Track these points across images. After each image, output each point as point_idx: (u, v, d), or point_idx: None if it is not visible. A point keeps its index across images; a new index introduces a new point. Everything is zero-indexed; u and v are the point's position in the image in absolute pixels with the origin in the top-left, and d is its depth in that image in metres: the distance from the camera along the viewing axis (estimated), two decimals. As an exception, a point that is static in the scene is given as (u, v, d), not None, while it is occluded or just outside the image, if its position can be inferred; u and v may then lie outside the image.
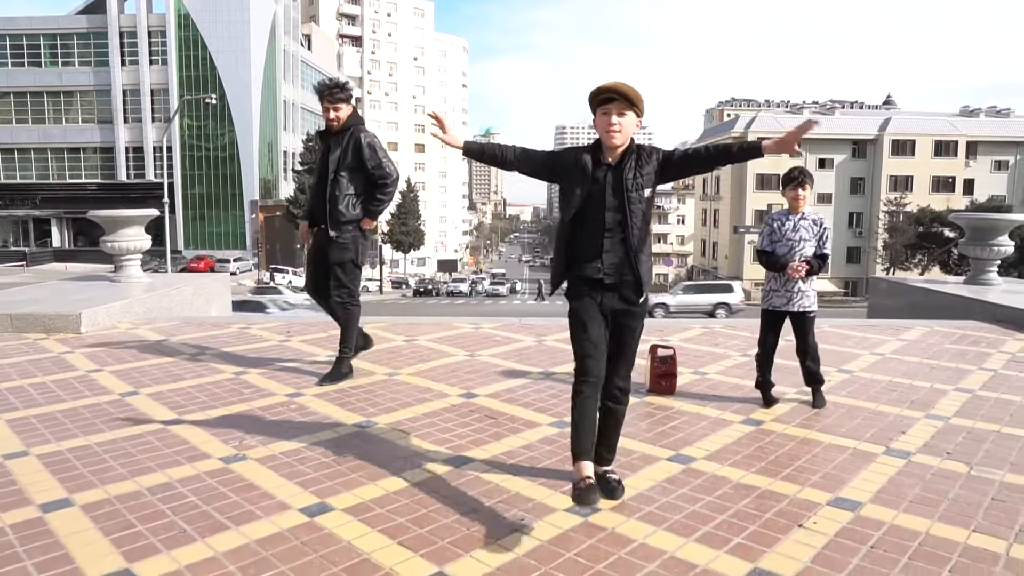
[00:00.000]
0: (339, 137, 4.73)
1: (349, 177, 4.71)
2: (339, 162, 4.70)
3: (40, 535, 2.69)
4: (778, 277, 4.41)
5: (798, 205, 4.36)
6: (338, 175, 4.70)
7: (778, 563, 2.53)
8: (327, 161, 4.75)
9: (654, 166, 2.92)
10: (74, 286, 8.27)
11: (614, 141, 2.86)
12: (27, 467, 3.34)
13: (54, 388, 4.65)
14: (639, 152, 2.90)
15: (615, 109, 2.82)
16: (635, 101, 2.83)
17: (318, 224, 4.86)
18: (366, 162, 4.69)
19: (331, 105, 4.68)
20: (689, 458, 3.52)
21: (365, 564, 2.49)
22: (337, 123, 4.71)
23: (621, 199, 2.87)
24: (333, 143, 4.74)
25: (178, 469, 3.32)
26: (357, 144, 4.68)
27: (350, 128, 4.73)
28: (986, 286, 8.70)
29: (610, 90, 2.82)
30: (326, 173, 4.75)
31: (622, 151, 2.90)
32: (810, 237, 4.34)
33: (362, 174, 4.73)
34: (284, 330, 6.60)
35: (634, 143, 2.92)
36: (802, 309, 4.40)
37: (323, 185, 4.76)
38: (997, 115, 65.43)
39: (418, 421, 4.05)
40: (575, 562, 2.52)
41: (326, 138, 4.83)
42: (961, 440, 3.82)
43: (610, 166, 2.90)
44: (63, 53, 52.09)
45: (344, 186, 4.71)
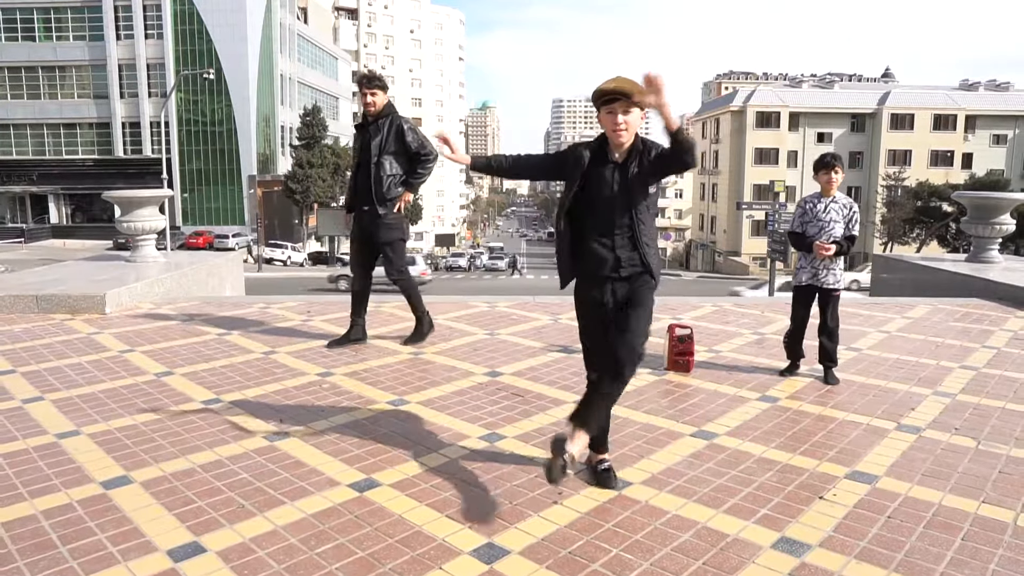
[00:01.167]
0: (378, 124, 5.12)
1: (391, 160, 5.11)
2: (381, 146, 5.09)
3: (108, 510, 2.85)
4: (807, 255, 4.63)
5: (830, 188, 4.60)
6: (381, 158, 5.09)
7: (803, 532, 2.71)
8: (368, 147, 5.12)
9: (654, 161, 2.94)
10: (92, 266, 8.39)
11: (621, 140, 2.91)
12: (82, 446, 3.50)
13: (91, 368, 4.80)
14: (643, 148, 2.94)
15: (620, 108, 2.85)
16: (638, 99, 2.81)
17: (361, 207, 5.21)
18: (409, 144, 5.10)
19: (368, 91, 5.06)
20: (711, 434, 3.70)
21: (418, 536, 2.66)
22: (374, 108, 5.09)
23: (629, 196, 2.93)
24: (372, 131, 5.12)
25: (225, 447, 3.49)
26: (399, 130, 5.10)
27: (388, 115, 5.13)
28: (987, 264, 8.87)
29: (614, 91, 2.84)
30: (368, 159, 5.12)
31: (628, 148, 2.95)
32: (840, 219, 4.57)
33: (403, 157, 5.14)
34: (305, 310, 6.75)
35: (638, 139, 2.96)
36: (827, 286, 4.62)
37: (366, 170, 5.14)
38: (996, 89, 65.18)
39: (448, 399, 4.21)
40: (614, 532, 2.70)
41: (364, 128, 5.20)
42: (968, 416, 4.00)
43: (616, 163, 2.95)
44: (57, 27, 51.53)
45: (387, 168, 5.11)
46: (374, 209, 5.12)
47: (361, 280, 5.43)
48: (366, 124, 5.19)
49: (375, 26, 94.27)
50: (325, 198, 53.65)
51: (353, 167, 5.29)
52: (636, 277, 3.01)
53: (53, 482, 3.10)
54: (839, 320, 4.71)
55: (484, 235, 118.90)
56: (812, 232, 4.60)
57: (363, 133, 5.20)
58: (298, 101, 59.41)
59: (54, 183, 52.21)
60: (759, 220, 52.37)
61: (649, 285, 3.02)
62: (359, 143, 5.22)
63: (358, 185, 5.22)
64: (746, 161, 58.67)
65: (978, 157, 59.11)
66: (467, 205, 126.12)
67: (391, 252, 5.25)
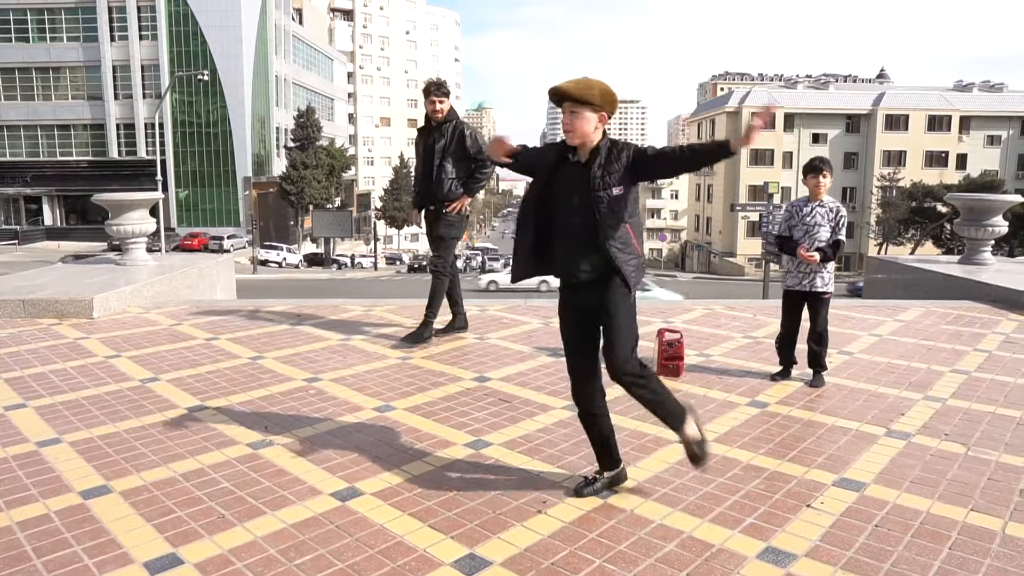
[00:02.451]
0: (442, 128, 5.44)
1: (452, 163, 5.43)
2: (444, 150, 5.42)
3: (85, 521, 2.81)
4: (794, 259, 4.62)
5: (818, 192, 4.60)
6: (443, 161, 5.42)
7: (789, 542, 2.68)
8: (431, 150, 5.45)
9: (624, 163, 2.84)
10: (81, 270, 8.34)
11: (570, 140, 2.87)
12: (62, 454, 3.46)
13: (76, 375, 4.76)
14: (610, 149, 2.85)
15: (566, 109, 2.82)
16: (586, 99, 2.78)
17: (425, 206, 5.61)
18: (469, 148, 5.42)
19: (436, 98, 5.38)
20: (699, 441, 3.66)
21: (399, 546, 2.63)
22: (440, 115, 5.41)
23: (588, 198, 2.83)
24: (436, 134, 5.44)
25: (208, 455, 3.45)
26: (461, 134, 5.43)
27: (452, 120, 5.46)
28: (980, 266, 8.86)
29: (554, 92, 2.83)
30: (430, 160, 5.46)
31: (591, 149, 2.86)
32: (825, 223, 4.55)
33: (463, 161, 5.46)
34: (294, 314, 6.70)
35: (604, 140, 2.87)
36: (815, 289, 4.61)
37: (429, 171, 5.48)
38: (991, 89, 65.36)
39: (435, 405, 4.18)
40: (597, 542, 2.67)
41: (426, 131, 5.53)
42: (958, 421, 3.98)
43: (579, 164, 2.88)
44: (51, 28, 51.39)
45: (448, 170, 5.44)
46: (437, 207, 5.50)
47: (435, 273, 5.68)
48: (430, 128, 5.49)
49: (370, 27, 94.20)
50: (320, 199, 53.59)
51: (418, 168, 5.61)
52: (604, 282, 2.88)
53: (31, 492, 3.06)
54: (827, 324, 4.68)
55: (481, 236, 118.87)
56: (798, 236, 4.60)
57: (426, 136, 5.51)
58: (293, 102, 59.35)
59: (48, 185, 52.09)
60: (754, 221, 52.42)
61: (620, 292, 2.88)
62: (422, 145, 5.53)
63: (421, 185, 5.58)
64: (741, 162, 58.70)
65: (972, 158, 59.28)
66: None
67: (442, 246, 5.60)
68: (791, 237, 4.63)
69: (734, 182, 59.24)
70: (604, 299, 2.89)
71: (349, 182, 68.52)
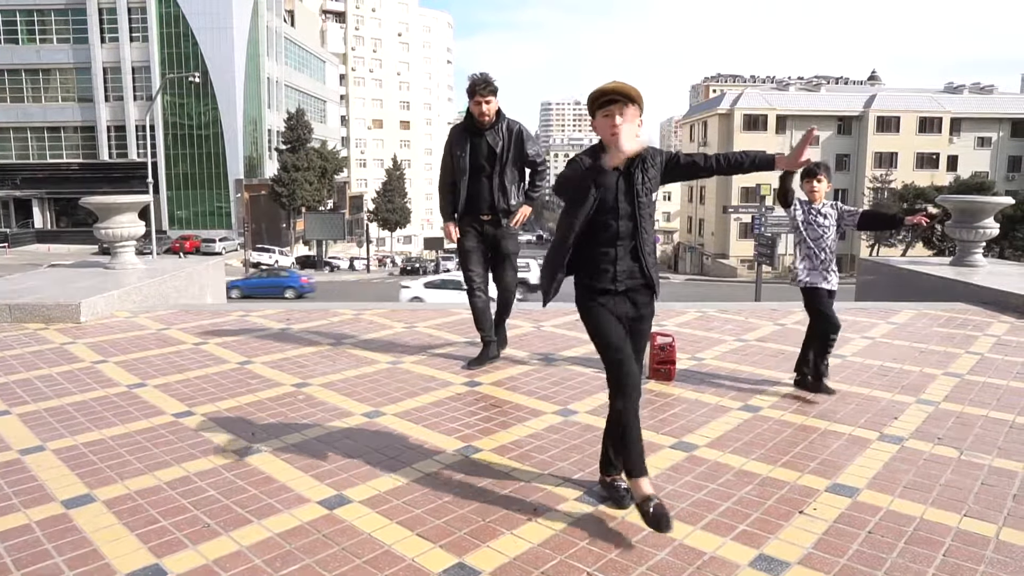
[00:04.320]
0: (496, 130, 4.83)
1: (511, 167, 4.90)
2: (504, 153, 4.84)
3: (67, 531, 2.76)
4: (811, 257, 4.54)
5: (815, 197, 4.55)
6: (505, 167, 4.86)
7: (781, 549, 2.65)
8: (481, 153, 4.84)
9: (659, 168, 2.89)
10: (69, 274, 8.26)
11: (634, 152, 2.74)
12: (46, 462, 3.41)
13: (61, 380, 4.70)
14: (644, 155, 2.84)
15: (618, 111, 2.72)
16: (637, 100, 2.76)
17: (480, 216, 4.93)
18: (527, 151, 4.90)
19: (483, 99, 4.71)
20: (691, 445, 3.64)
21: (387, 556, 2.59)
22: (488, 117, 4.77)
23: (633, 205, 2.84)
24: (490, 137, 4.82)
25: (194, 463, 3.40)
26: (519, 136, 4.87)
27: (504, 120, 4.86)
28: (971, 268, 8.87)
29: (613, 91, 2.72)
30: (480, 165, 4.85)
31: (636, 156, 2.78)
32: (830, 224, 4.53)
33: (519, 164, 4.94)
34: (284, 318, 6.65)
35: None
36: (833, 287, 4.56)
37: (477, 178, 4.88)
38: (981, 92, 65.67)
39: (425, 411, 4.13)
40: (588, 551, 2.63)
41: (470, 132, 4.86)
42: (951, 425, 3.96)
43: (619, 171, 2.82)
44: (40, 30, 51.14)
45: (510, 176, 4.90)
46: (497, 218, 4.92)
47: (486, 292, 5.09)
48: (477, 130, 4.84)
49: (363, 29, 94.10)
50: (312, 202, 53.47)
51: (461, 173, 4.88)
52: (638, 292, 2.93)
53: (12, 501, 3.01)
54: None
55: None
56: (812, 236, 4.53)
57: (474, 139, 4.84)
58: (285, 104, 59.20)
59: (38, 187, 51.79)
60: (747, 223, 52.52)
61: (652, 306, 3.02)
62: (467, 149, 4.85)
63: (472, 194, 4.90)
64: (734, 164, 58.70)
65: (963, 159, 59.61)
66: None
67: (516, 261, 5.13)
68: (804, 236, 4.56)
69: (726, 184, 59.29)
70: (640, 310, 2.97)
71: (341, 184, 68.42)
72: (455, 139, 4.93)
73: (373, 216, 66.82)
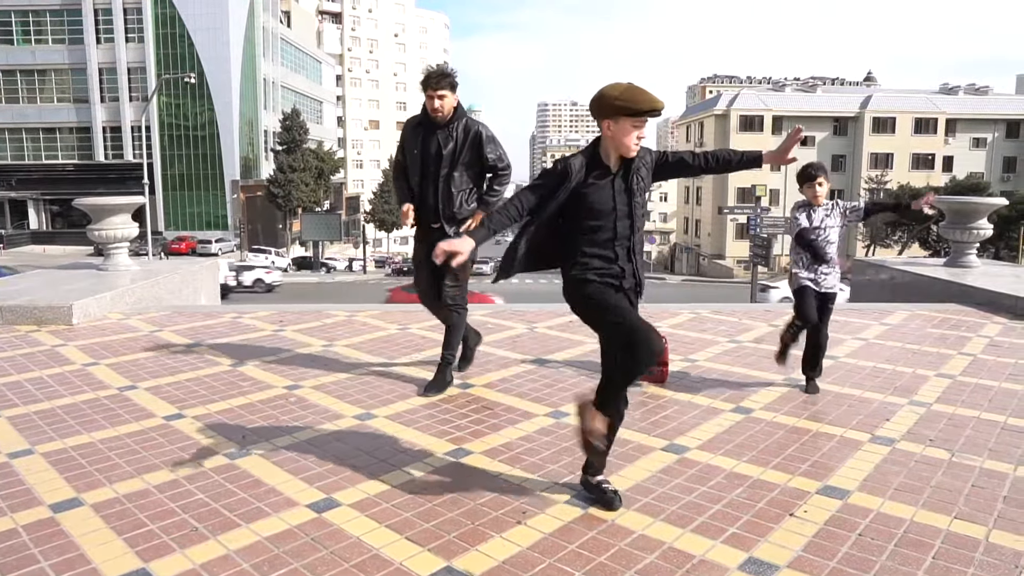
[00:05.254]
0: (448, 129, 4.36)
1: (463, 172, 4.40)
2: (454, 156, 4.36)
3: (54, 536, 2.74)
4: (804, 260, 4.52)
5: (817, 201, 4.50)
6: (452, 171, 4.37)
7: (771, 552, 2.65)
8: (429, 153, 4.38)
9: (650, 168, 2.91)
10: (62, 276, 8.23)
11: (633, 154, 2.81)
12: (34, 466, 3.39)
13: (52, 383, 4.68)
14: (638, 155, 2.85)
15: (644, 123, 2.75)
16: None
17: (430, 225, 4.48)
18: (487, 155, 4.41)
19: (435, 93, 4.27)
20: (683, 447, 3.63)
21: (375, 560, 2.58)
22: (442, 113, 4.31)
23: (630, 206, 2.85)
24: (442, 135, 4.36)
25: (184, 466, 3.38)
26: (476, 138, 4.37)
27: (462, 118, 4.38)
28: (965, 268, 8.88)
29: (661, 109, 2.71)
30: (431, 167, 4.39)
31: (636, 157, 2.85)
32: (835, 224, 4.51)
33: (476, 168, 4.45)
34: (277, 319, 6.63)
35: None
36: (829, 290, 4.53)
37: (424, 181, 4.43)
38: (976, 92, 65.84)
39: (416, 413, 4.12)
40: (577, 554, 2.62)
41: (423, 129, 4.43)
42: (943, 426, 3.96)
43: (614, 173, 2.85)
44: (36, 30, 51.03)
45: (459, 182, 4.40)
46: (443, 228, 4.39)
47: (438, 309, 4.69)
48: (431, 126, 4.39)
49: (359, 30, 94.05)
50: (308, 203, 53.41)
51: (415, 173, 4.46)
52: (631, 292, 2.95)
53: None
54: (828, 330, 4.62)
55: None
56: (811, 236, 4.48)
57: (426, 137, 4.40)
58: (281, 105, 59.12)
59: (34, 188, 51.66)
60: (743, 224, 52.60)
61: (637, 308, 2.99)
62: (418, 147, 4.42)
63: (424, 197, 4.46)
64: (730, 165, 58.83)
65: (959, 160, 59.77)
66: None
67: (460, 273, 4.45)
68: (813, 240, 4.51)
69: (722, 185, 59.41)
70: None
71: (338, 185, 68.34)
72: (407, 134, 4.52)
73: (370, 217, 66.75)
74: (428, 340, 5.84)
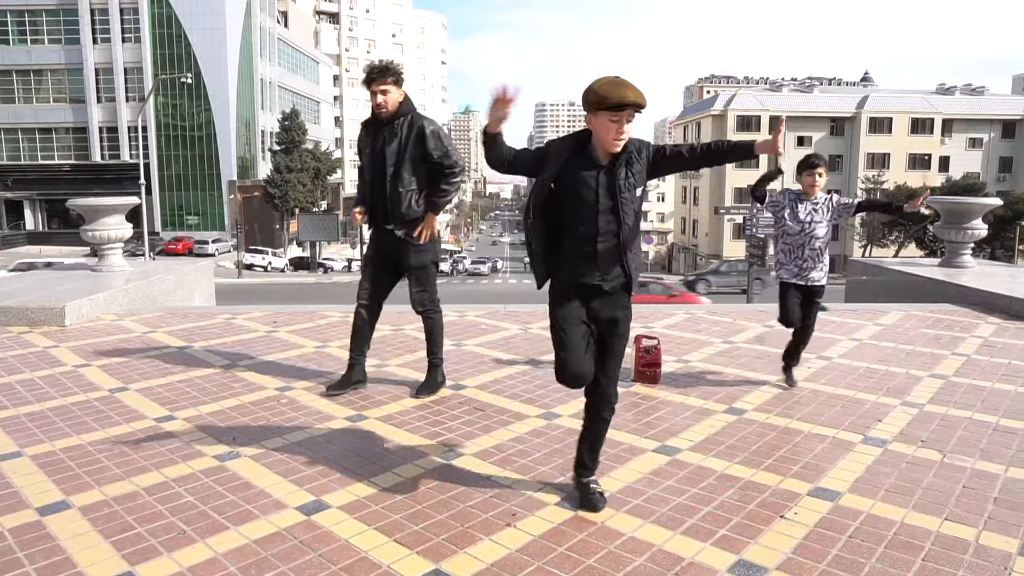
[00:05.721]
0: (394, 126, 4.21)
1: (411, 170, 4.22)
2: (399, 154, 4.19)
3: (40, 539, 2.73)
4: (786, 251, 4.57)
5: (813, 191, 4.52)
6: (400, 169, 4.20)
7: (761, 554, 2.64)
8: (379, 153, 4.25)
9: (645, 163, 2.82)
10: (55, 277, 8.21)
11: (617, 149, 2.74)
12: (22, 468, 3.37)
13: (43, 385, 4.66)
14: (629, 149, 2.78)
15: (627, 117, 2.67)
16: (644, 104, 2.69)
17: (381, 225, 4.38)
18: (431, 152, 4.21)
19: (377, 88, 4.14)
20: (674, 449, 3.62)
21: (363, 562, 2.56)
22: (385, 109, 4.17)
23: (615, 201, 2.76)
24: (387, 133, 4.22)
25: (174, 468, 3.37)
26: (420, 133, 4.19)
27: (407, 115, 4.22)
28: (960, 269, 8.88)
29: (634, 103, 2.63)
30: (378, 166, 4.26)
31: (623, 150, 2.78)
32: (823, 219, 4.50)
33: (425, 166, 4.25)
34: (270, 320, 6.62)
35: (630, 140, 2.80)
36: (814, 283, 4.54)
37: (378, 180, 4.28)
38: (972, 93, 65.90)
39: (408, 415, 4.11)
40: (567, 557, 2.61)
41: (373, 128, 4.32)
42: (935, 427, 3.95)
43: (601, 166, 2.77)
44: (32, 30, 50.83)
45: (407, 181, 4.22)
46: (394, 230, 4.29)
47: (370, 310, 4.53)
48: (379, 124, 4.26)
49: (356, 30, 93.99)
50: (306, 203, 53.32)
51: (366, 173, 4.36)
52: (618, 294, 2.89)
53: (-14, 508, 2.97)
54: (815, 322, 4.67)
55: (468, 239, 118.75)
56: (792, 233, 4.53)
57: (375, 135, 4.28)
58: (279, 105, 59.02)
59: (30, 189, 51.47)
60: (739, 224, 52.64)
61: (629, 308, 2.95)
62: (369, 146, 4.31)
63: (373, 197, 4.33)
64: (727, 165, 58.89)
65: (955, 160, 59.84)
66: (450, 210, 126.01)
67: (424, 277, 4.38)
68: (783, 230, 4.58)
69: (720, 185, 59.46)
70: (615, 315, 2.90)
71: (335, 185, 68.25)
72: (361, 134, 4.41)
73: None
74: (420, 342, 5.77)
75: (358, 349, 4.56)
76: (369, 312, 4.52)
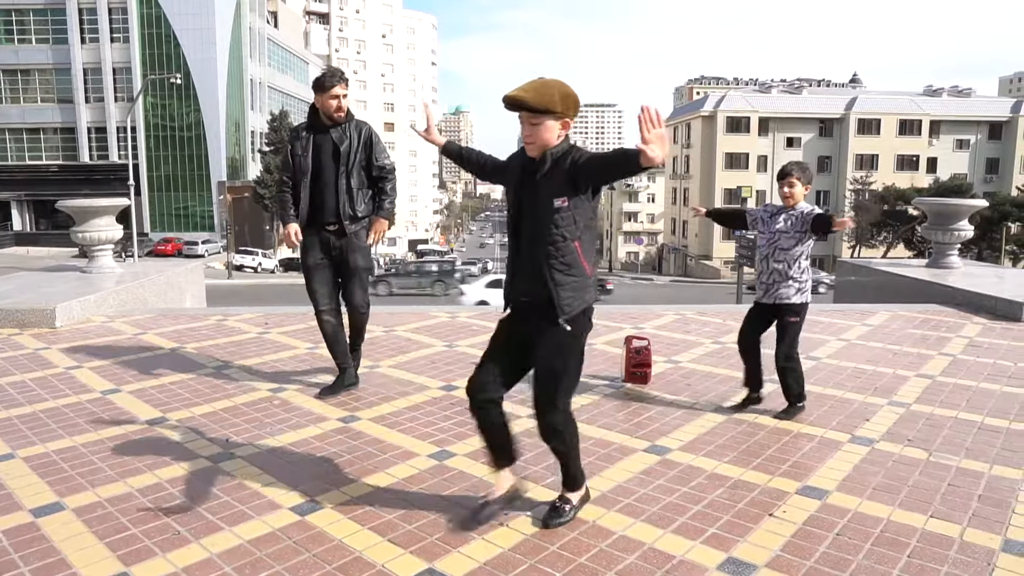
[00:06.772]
0: (342, 129, 4.36)
1: (359, 171, 4.40)
2: (351, 155, 4.35)
3: (35, 541, 2.74)
4: (759, 267, 4.28)
5: (788, 201, 4.13)
6: (351, 169, 4.35)
7: (750, 552, 2.68)
8: (322, 155, 4.35)
9: (566, 172, 2.60)
10: (45, 278, 8.18)
11: (531, 152, 2.66)
12: (15, 470, 3.38)
13: (34, 387, 4.65)
14: (557, 158, 2.62)
15: (525, 119, 2.59)
16: (547, 107, 2.54)
17: (326, 225, 4.41)
18: (378, 157, 4.43)
19: (340, 93, 4.30)
20: (665, 449, 3.66)
21: (357, 562, 2.59)
22: (342, 112, 4.34)
23: (536, 210, 2.65)
24: (336, 135, 4.35)
25: (167, 469, 3.38)
26: (369, 138, 4.41)
27: (352, 119, 4.42)
28: (947, 269, 8.98)
29: (510, 101, 2.56)
30: (324, 166, 4.35)
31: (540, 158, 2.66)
32: (790, 230, 4.07)
33: (367, 169, 4.44)
34: (262, 322, 6.62)
35: (559, 147, 2.63)
36: (782, 301, 4.10)
37: (319, 182, 4.37)
38: (959, 95, 66.44)
39: (400, 415, 4.13)
40: (559, 555, 2.65)
41: (315, 130, 4.40)
42: (921, 426, 4.01)
43: (523, 171, 2.71)
44: (19, 30, 50.45)
45: (357, 181, 4.38)
46: (343, 228, 4.37)
47: (335, 314, 4.55)
48: (323, 129, 4.36)
49: (347, 31, 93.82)
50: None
51: (302, 175, 4.37)
52: (535, 311, 2.68)
53: (-20, 511, 2.98)
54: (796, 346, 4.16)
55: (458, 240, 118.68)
56: (761, 243, 4.25)
57: (318, 139, 4.37)
58: (268, 106, 58.83)
59: (17, 189, 51.07)
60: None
61: (558, 333, 2.65)
62: (311, 149, 4.36)
63: (314, 199, 4.37)
64: (717, 166, 59.19)
65: (942, 161, 60.33)
66: (441, 210, 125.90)
67: (367, 277, 4.58)
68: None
69: (709, 186, 59.70)
70: (542, 332, 2.70)
71: (325, 186, 67.94)
72: (296, 136, 4.47)
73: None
74: (413, 342, 5.85)
75: (342, 355, 4.58)
76: (335, 316, 4.56)
